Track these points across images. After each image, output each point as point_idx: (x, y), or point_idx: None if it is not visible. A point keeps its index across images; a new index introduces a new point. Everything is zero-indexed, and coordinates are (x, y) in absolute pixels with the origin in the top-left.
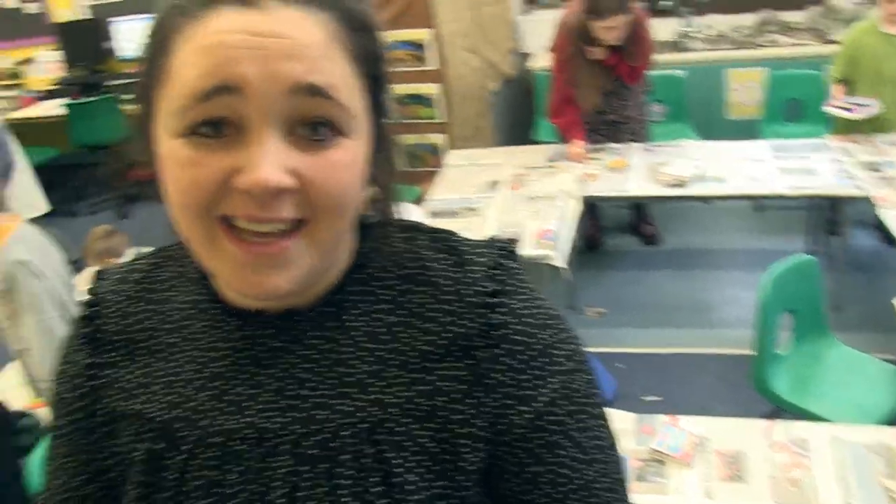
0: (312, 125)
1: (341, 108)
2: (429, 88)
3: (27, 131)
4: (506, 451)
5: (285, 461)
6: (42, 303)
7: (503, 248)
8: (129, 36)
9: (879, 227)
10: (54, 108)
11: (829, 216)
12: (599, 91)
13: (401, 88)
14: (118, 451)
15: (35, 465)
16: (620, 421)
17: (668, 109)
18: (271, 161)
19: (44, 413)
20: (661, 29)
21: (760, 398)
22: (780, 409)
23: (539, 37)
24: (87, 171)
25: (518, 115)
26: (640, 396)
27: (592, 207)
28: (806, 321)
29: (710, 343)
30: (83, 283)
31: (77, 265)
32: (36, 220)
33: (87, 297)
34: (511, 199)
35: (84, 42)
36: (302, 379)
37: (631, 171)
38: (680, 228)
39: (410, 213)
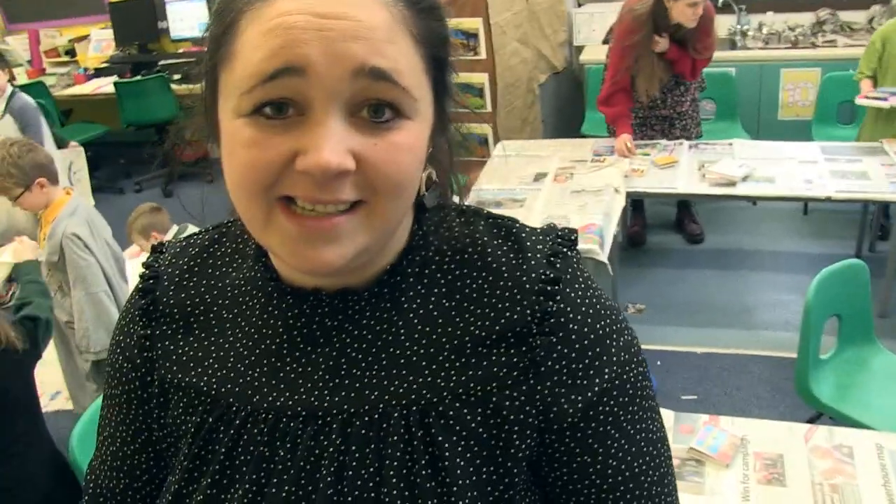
0: (375, 107)
1: (404, 92)
2: (479, 78)
3: (78, 108)
4: (555, 439)
5: (334, 440)
6: (90, 276)
7: (562, 237)
8: (183, 16)
9: None
10: (105, 85)
11: (880, 220)
12: (658, 83)
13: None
14: (170, 423)
15: (76, 439)
16: None
17: (718, 107)
18: (333, 143)
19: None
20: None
21: (801, 403)
22: (822, 415)
23: (591, 30)
24: (134, 149)
25: (566, 107)
26: (678, 395)
27: (638, 203)
28: (852, 326)
29: (751, 345)
30: (129, 257)
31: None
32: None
33: (144, 270)
34: (556, 192)
35: (138, 21)
36: (355, 359)
37: (679, 169)
38: (725, 228)
39: None
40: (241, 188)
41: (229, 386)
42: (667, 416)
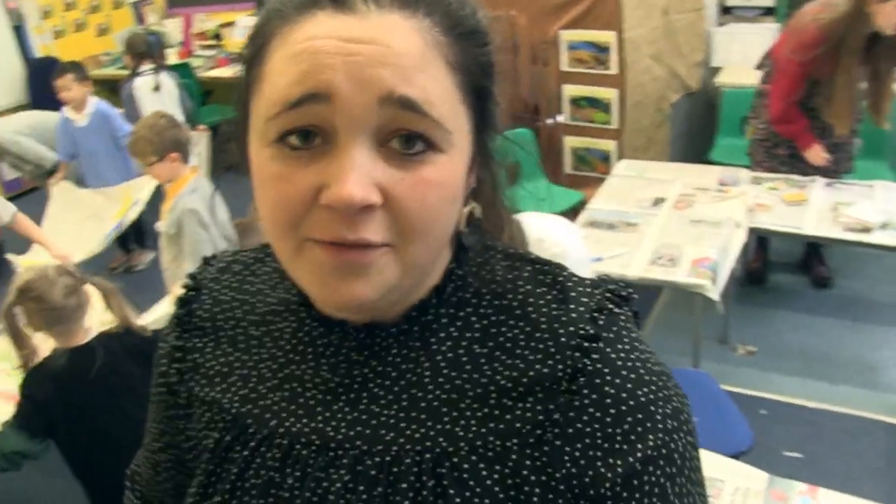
0: (406, 137)
1: (435, 124)
2: (607, 93)
3: (219, 90)
4: None
5: (343, 475)
6: (203, 251)
7: (612, 291)
8: None
9: None
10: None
11: None
12: (853, 108)
13: (578, 90)
14: (193, 435)
15: None
16: (750, 479)
17: (863, 144)
18: (358, 175)
19: None
20: None
21: None
22: None
23: (730, 50)
24: None
25: (696, 131)
26: (781, 450)
27: (762, 239)
28: None
29: (872, 407)
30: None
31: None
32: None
33: (188, 280)
34: (674, 220)
35: None
36: (375, 395)
37: (809, 207)
38: (857, 274)
39: (529, 222)
40: (271, 223)
41: (249, 406)
42: (759, 477)
